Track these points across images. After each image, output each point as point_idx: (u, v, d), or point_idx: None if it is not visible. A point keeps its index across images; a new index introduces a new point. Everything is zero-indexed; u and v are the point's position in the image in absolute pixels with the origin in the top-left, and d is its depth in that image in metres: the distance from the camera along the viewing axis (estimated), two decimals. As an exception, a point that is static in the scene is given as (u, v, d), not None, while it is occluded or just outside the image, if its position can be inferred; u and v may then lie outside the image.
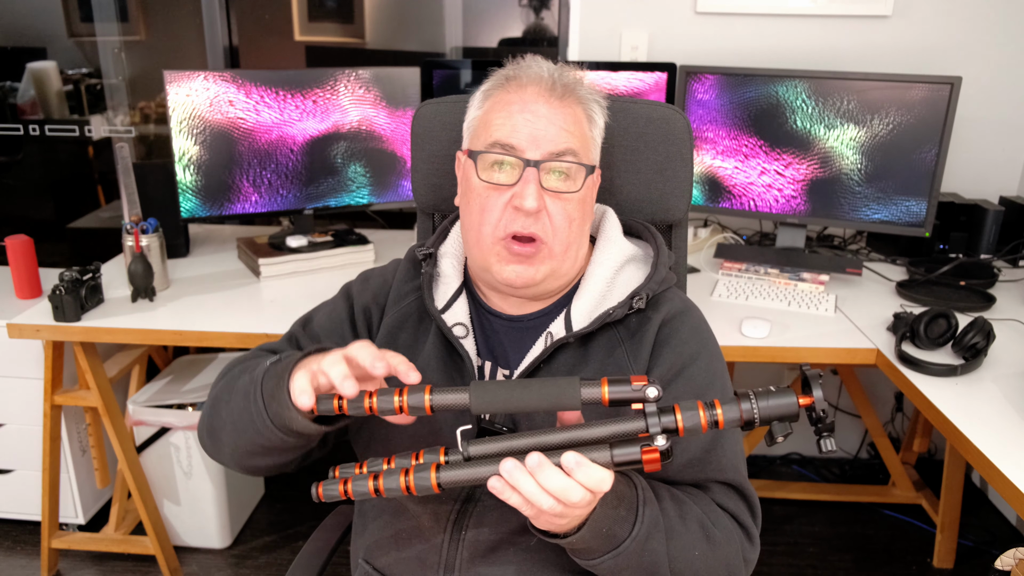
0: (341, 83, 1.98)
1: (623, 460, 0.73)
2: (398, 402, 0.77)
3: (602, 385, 0.74)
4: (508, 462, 0.73)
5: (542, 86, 0.97)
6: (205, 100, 1.86)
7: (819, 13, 2.15)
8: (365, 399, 0.78)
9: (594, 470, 0.73)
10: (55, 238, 2.66)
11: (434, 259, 1.10)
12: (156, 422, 1.99)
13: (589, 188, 1.00)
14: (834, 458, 2.59)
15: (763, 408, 0.73)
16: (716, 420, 0.74)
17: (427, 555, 1.00)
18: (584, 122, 1.00)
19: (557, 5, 2.48)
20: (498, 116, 0.97)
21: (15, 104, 2.60)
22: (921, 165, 1.85)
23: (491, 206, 0.97)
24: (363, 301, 1.10)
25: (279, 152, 1.97)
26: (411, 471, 0.76)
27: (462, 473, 0.75)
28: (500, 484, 0.74)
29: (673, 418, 0.73)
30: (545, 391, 0.75)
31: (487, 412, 0.76)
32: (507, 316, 1.06)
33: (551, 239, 0.97)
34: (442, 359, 1.03)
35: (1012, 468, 1.18)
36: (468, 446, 0.77)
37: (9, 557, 2.10)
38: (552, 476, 0.73)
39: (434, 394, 0.77)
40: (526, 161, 0.95)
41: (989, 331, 1.50)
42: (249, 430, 0.88)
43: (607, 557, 0.84)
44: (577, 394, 0.74)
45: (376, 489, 0.77)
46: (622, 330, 1.01)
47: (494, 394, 0.76)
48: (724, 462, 0.97)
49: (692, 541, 0.90)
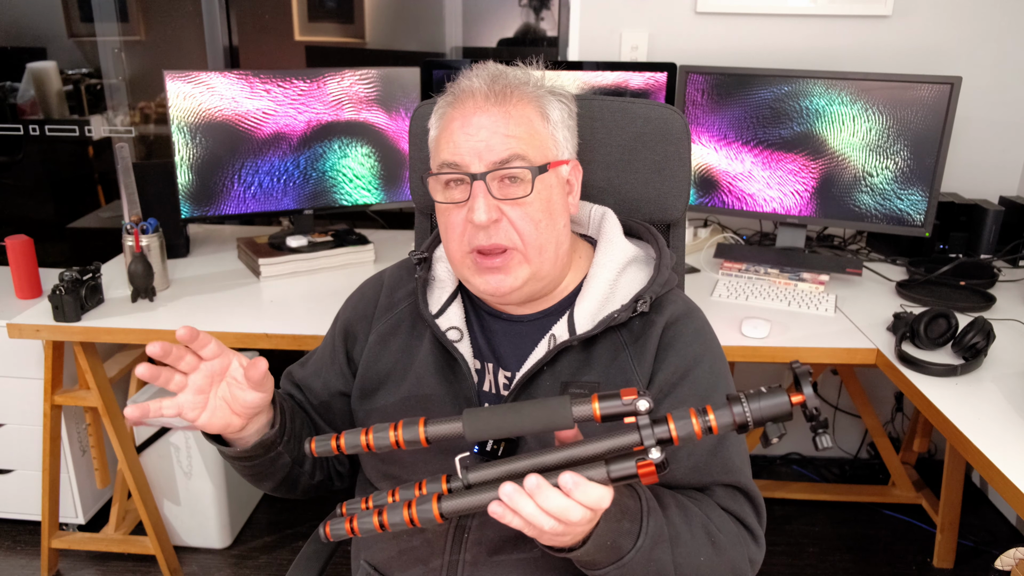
0: (341, 83, 1.98)
1: (620, 475, 0.74)
2: (394, 437, 0.79)
3: (592, 402, 0.75)
4: (507, 486, 0.73)
5: (477, 97, 0.97)
6: (205, 99, 1.86)
7: (819, 13, 2.15)
8: (361, 436, 0.80)
9: (592, 488, 0.73)
10: (55, 238, 2.66)
11: (428, 263, 1.10)
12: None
13: (552, 187, 0.99)
14: (834, 458, 2.59)
15: (755, 410, 0.73)
16: (709, 426, 0.73)
17: (430, 557, 0.99)
18: (534, 119, 0.98)
19: (557, 5, 2.48)
20: (443, 136, 0.99)
21: (15, 104, 2.60)
22: (921, 165, 1.85)
23: (453, 223, 0.98)
24: (347, 317, 1.13)
25: (278, 152, 1.97)
26: (413, 504, 0.78)
27: (463, 502, 0.76)
28: (501, 509, 0.74)
29: (667, 428, 0.74)
30: (537, 413, 0.75)
31: (481, 439, 0.77)
32: (507, 317, 1.06)
33: (520, 244, 0.97)
34: (437, 363, 1.03)
35: (1012, 468, 1.18)
36: (468, 474, 0.78)
37: (9, 557, 2.10)
38: (551, 497, 0.72)
39: (428, 426, 0.78)
40: (471, 175, 0.95)
41: (989, 331, 1.50)
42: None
43: (612, 568, 0.85)
44: (569, 414, 0.75)
45: (381, 524, 0.78)
46: (625, 333, 1.01)
47: (487, 421, 0.76)
48: (729, 464, 0.97)
49: (697, 547, 0.90)
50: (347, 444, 0.80)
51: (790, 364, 0.76)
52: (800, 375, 0.74)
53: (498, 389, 1.03)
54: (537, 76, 1.01)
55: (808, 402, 0.74)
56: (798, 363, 0.75)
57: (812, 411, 0.74)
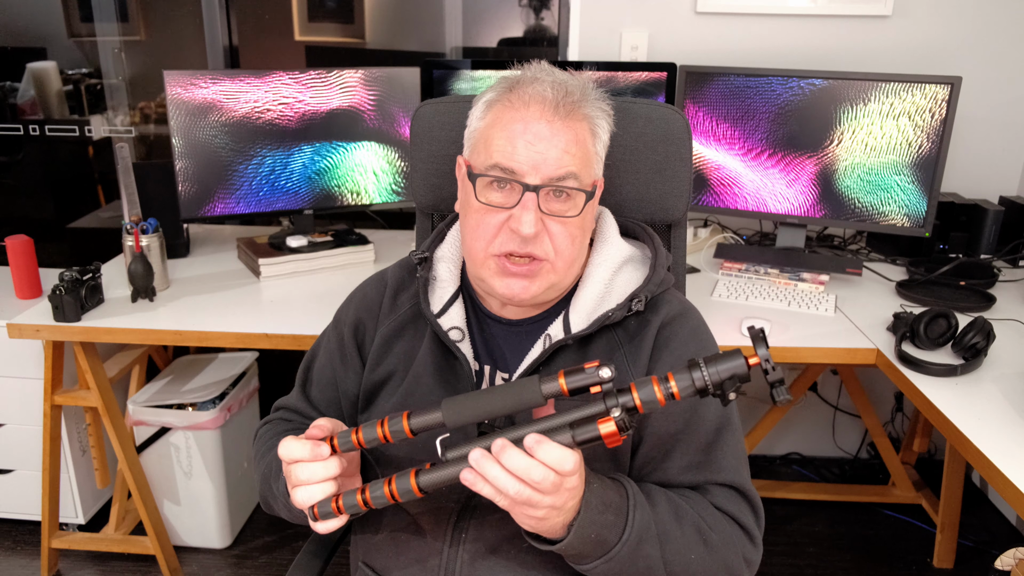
0: (341, 83, 1.97)
1: (584, 438, 0.78)
2: (381, 432, 0.83)
3: (559, 377, 0.79)
4: (475, 451, 0.77)
5: (546, 105, 0.93)
6: (205, 100, 1.86)
7: (819, 13, 2.15)
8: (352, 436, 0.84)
9: (553, 448, 0.76)
10: (55, 238, 2.66)
11: (430, 263, 1.09)
12: (156, 422, 1.99)
13: (590, 207, 0.99)
14: (834, 458, 2.59)
15: (713, 373, 0.76)
16: (671, 392, 0.77)
17: (427, 558, 0.99)
18: (587, 139, 0.97)
19: (557, 5, 2.48)
20: (499, 136, 0.95)
21: (15, 104, 2.60)
22: (921, 165, 1.85)
23: (487, 224, 0.96)
24: (350, 320, 1.11)
25: (278, 152, 1.97)
26: (394, 480, 0.82)
27: (439, 474, 0.81)
28: (472, 476, 0.78)
29: (631, 396, 0.77)
30: (509, 393, 0.80)
31: (461, 423, 0.80)
32: (506, 320, 1.06)
33: (553, 257, 0.96)
34: (438, 363, 1.03)
35: (1012, 468, 1.18)
36: (447, 452, 0.82)
37: (9, 557, 2.10)
38: (514, 457, 0.76)
39: (412, 419, 0.83)
40: (525, 185, 0.93)
41: (989, 331, 1.50)
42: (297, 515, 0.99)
43: (600, 562, 0.86)
44: (538, 391, 0.79)
45: (364, 501, 0.83)
46: (621, 332, 1.01)
47: (463, 406, 0.80)
48: (723, 463, 0.97)
49: (688, 544, 0.90)
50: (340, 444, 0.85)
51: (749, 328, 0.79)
52: (754, 337, 0.77)
53: None
54: (592, 90, 0.99)
55: (763, 363, 0.76)
56: (752, 325, 0.78)
57: (768, 368, 0.76)
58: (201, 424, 1.97)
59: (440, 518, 0.99)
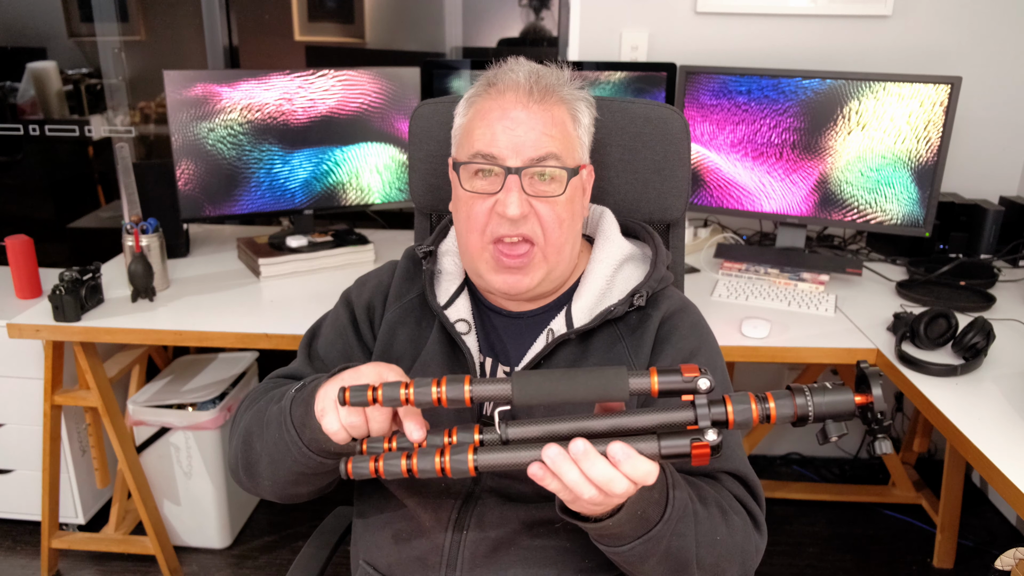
0: (340, 83, 1.97)
1: (671, 452, 0.70)
2: (436, 393, 0.73)
3: (651, 375, 0.71)
4: (552, 448, 0.70)
5: (520, 91, 0.96)
6: (203, 99, 1.87)
7: (819, 13, 2.15)
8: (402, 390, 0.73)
9: (641, 463, 0.70)
10: (55, 238, 2.66)
11: (434, 256, 1.11)
12: (156, 422, 1.99)
13: (576, 188, 1.01)
14: (834, 458, 2.59)
15: (818, 404, 0.70)
16: (768, 414, 0.71)
17: (428, 555, 1.00)
18: (568, 122, 0.99)
19: (557, 5, 2.48)
20: (479, 126, 0.98)
21: (15, 104, 2.60)
22: (921, 165, 1.85)
23: (476, 213, 0.98)
24: (363, 300, 1.11)
25: (277, 152, 1.97)
26: (447, 451, 0.72)
27: (501, 457, 0.72)
28: (541, 471, 0.71)
29: (724, 410, 0.70)
30: (592, 382, 0.71)
31: (530, 404, 0.72)
32: (507, 313, 1.07)
33: (542, 241, 0.98)
34: (444, 355, 1.04)
35: (1012, 468, 1.18)
36: (507, 428, 0.73)
37: (9, 557, 2.10)
38: (598, 466, 0.70)
39: (474, 385, 0.73)
40: (507, 169, 0.95)
41: (989, 331, 1.50)
42: (287, 459, 0.89)
43: (638, 543, 0.82)
44: (625, 385, 0.71)
45: (409, 469, 0.73)
46: (622, 327, 1.02)
47: (538, 386, 0.71)
48: (728, 452, 0.98)
49: (714, 525, 0.89)
50: (385, 397, 0.73)
51: (857, 363, 0.72)
52: (870, 375, 0.70)
53: None
54: (567, 76, 1.02)
55: (876, 404, 0.70)
56: (866, 363, 0.72)
57: (878, 414, 0.70)
58: (201, 424, 1.97)
59: (440, 514, 0.99)
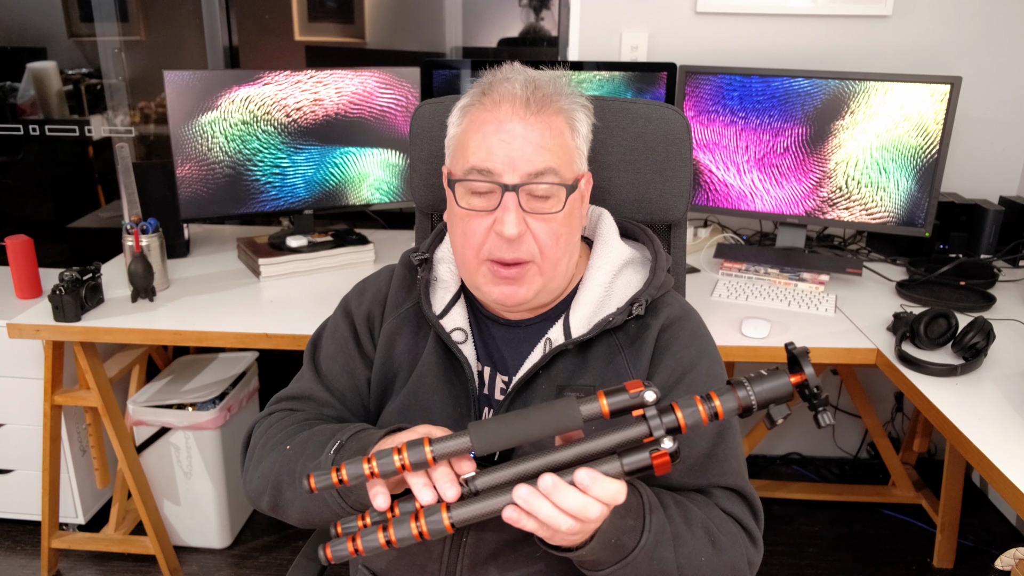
0: (340, 83, 1.97)
1: (634, 468, 0.73)
2: (399, 461, 0.74)
3: (600, 398, 0.74)
4: (521, 489, 0.72)
5: (516, 102, 0.93)
6: (205, 99, 1.87)
7: (819, 13, 2.15)
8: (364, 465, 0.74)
9: (608, 484, 0.72)
10: (55, 238, 2.66)
11: (430, 263, 1.08)
12: (156, 422, 1.99)
13: (574, 202, 0.97)
14: (834, 458, 2.59)
15: (759, 393, 0.73)
16: (715, 412, 0.74)
17: (427, 562, 0.99)
18: (565, 133, 0.96)
19: (557, 5, 2.48)
20: (473, 139, 0.94)
21: (15, 104, 2.60)
22: (921, 165, 1.85)
23: (473, 231, 0.95)
24: (363, 311, 1.09)
25: (277, 152, 1.97)
26: (421, 516, 0.74)
27: (475, 508, 0.74)
28: (516, 513, 0.72)
29: (674, 417, 0.73)
30: (545, 418, 0.74)
31: (491, 450, 0.74)
32: (504, 321, 1.05)
33: (539, 258, 0.95)
34: (441, 365, 1.02)
35: (1012, 468, 1.18)
36: (475, 479, 0.75)
37: (9, 557, 2.10)
38: (569, 496, 0.71)
39: (434, 445, 0.74)
40: (504, 186, 0.92)
41: (989, 331, 1.50)
42: (324, 513, 0.91)
43: (616, 568, 0.84)
44: (578, 414, 0.73)
45: (388, 541, 0.74)
46: (621, 336, 1.00)
47: (495, 432, 0.74)
48: (725, 467, 0.97)
49: (698, 547, 0.89)
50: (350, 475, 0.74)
51: (785, 345, 0.76)
52: (799, 355, 0.74)
53: (494, 393, 1.03)
54: (565, 83, 0.98)
55: (809, 381, 0.73)
56: (793, 344, 0.75)
57: (813, 389, 0.73)
58: (201, 424, 1.97)
59: None
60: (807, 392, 0.74)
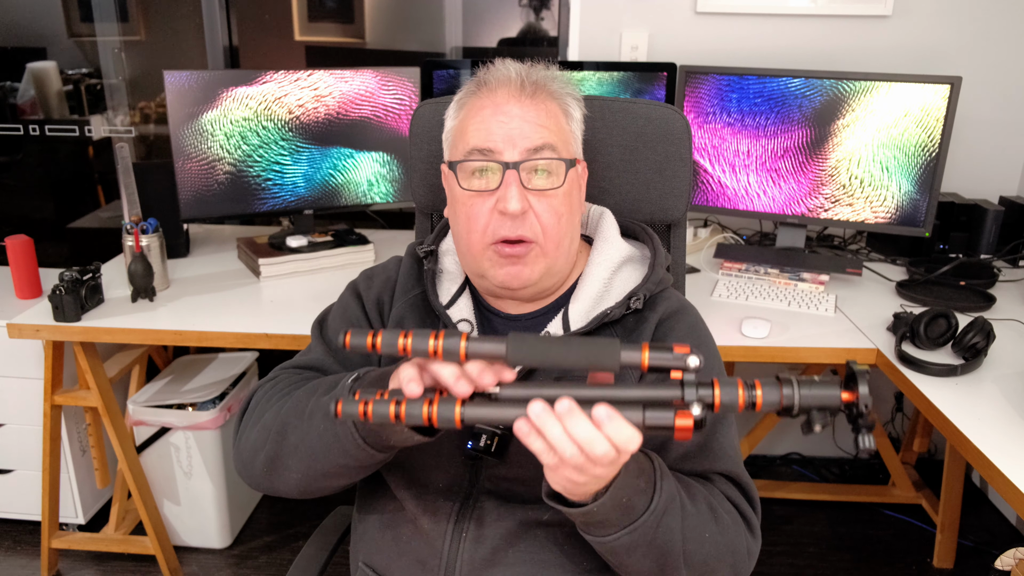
0: (340, 83, 1.97)
1: (655, 424, 0.71)
2: (433, 346, 0.73)
3: (643, 350, 0.72)
4: (536, 404, 0.71)
5: (512, 86, 0.97)
6: (205, 99, 1.87)
7: (819, 13, 2.15)
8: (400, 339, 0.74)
9: (624, 426, 0.71)
10: (55, 238, 2.66)
11: (435, 255, 1.10)
12: (156, 422, 1.99)
13: (573, 181, 1.00)
14: (834, 458, 2.59)
15: (804, 396, 0.71)
16: (754, 401, 0.71)
17: (428, 558, 0.99)
18: (560, 116, 0.99)
19: (557, 5, 2.48)
20: (472, 123, 0.97)
21: (15, 104, 2.60)
22: (921, 165, 1.85)
23: (476, 213, 0.97)
24: (373, 294, 1.10)
25: (276, 152, 1.97)
26: (435, 402, 0.74)
27: (487, 411, 0.73)
28: (526, 427, 0.72)
29: (711, 392, 0.71)
30: (584, 349, 0.72)
31: (523, 364, 0.73)
32: (505, 315, 1.06)
33: (541, 238, 0.97)
34: None
35: (1012, 468, 1.18)
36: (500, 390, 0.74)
37: (9, 557, 2.10)
38: (580, 424, 0.71)
39: (470, 342, 0.73)
40: (505, 164, 0.95)
41: (989, 331, 1.50)
42: (333, 451, 0.88)
43: (623, 533, 0.82)
44: (617, 355, 0.71)
45: (397, 415, 0.74)
46: (619, 330, 1.01)
47: (532, 347, 0.73)
48: (720, 452, 0.97)
49: (703, 521, 0.89)
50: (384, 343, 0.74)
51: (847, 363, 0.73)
52: (859, 374, 0.71)
53: None
54: (557, 74, 1.02)
55: (860, 401, 0.70)
56: (855, 363, 0.73)
57: (861, 409, 0.71)
58: (201, 424, 1.97)
59: (440, 518, 0.99)
60: (855, 411, 0.71)
